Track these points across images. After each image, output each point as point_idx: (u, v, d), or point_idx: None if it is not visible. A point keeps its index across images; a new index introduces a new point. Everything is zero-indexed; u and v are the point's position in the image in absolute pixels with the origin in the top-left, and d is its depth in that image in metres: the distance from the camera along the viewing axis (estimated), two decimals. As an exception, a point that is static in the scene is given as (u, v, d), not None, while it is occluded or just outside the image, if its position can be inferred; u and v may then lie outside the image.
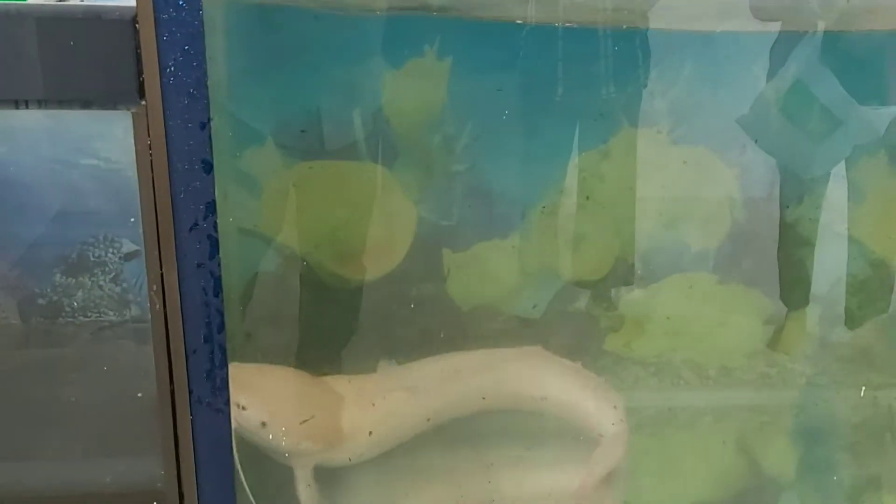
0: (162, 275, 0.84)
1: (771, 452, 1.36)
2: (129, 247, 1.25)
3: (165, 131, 0.78)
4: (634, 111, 1.23)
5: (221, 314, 0.86)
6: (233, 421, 0.90)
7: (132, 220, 0.85)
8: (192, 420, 0.90)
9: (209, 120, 0.78)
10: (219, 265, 0.84)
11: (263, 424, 1.05)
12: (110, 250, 1.25)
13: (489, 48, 1.18)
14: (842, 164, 1.26)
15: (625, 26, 1.17)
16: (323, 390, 1.16)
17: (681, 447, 1.35)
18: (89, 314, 1.24)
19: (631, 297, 1.33)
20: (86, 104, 0.78)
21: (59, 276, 1.23)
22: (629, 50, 1.19)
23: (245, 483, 0.97)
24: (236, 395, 0.92)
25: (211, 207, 0.82)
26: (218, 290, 0.85)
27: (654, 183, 1.28)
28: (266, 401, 1.07)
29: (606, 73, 1.20)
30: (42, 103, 0.79)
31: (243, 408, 1.02)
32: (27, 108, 0.79)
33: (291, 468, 1.09)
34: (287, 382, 1.15)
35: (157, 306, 0.86)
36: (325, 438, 1.11)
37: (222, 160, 0.97)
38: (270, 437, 1.06)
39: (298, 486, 1.09)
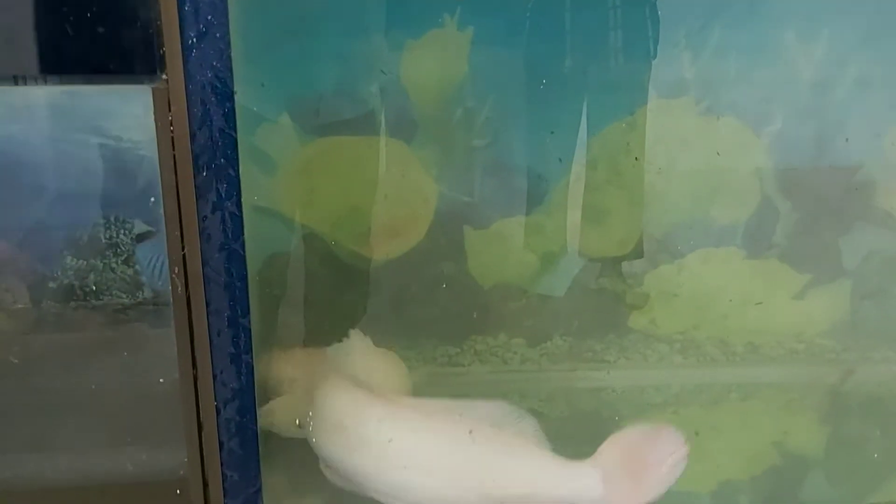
0: (184, 256, 0.81)
1: (798, 430, 1.33)
2: (141, 227, 1.21)
3: (188, 106, 0.74)
4: (660, 82, 1.20)
5: (247, 296, 0.83)
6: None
7: (152, 199, 0.81)
8: (216, 406, 0.87)
9: (233, 93, 0.75)
10: (243, 245, 0.81)
11: None
12: (122, 232, 1.21)
13: (511, 18, 1.14)
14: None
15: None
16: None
17: (706, 425, 1.32)
18: (102, 297, 1.20)
19: (656, 273, 1.30)
20: (104, 79, 0.74)
21: (69, 258, 1.20)
22: (654, 18, 1.16)
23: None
24: None
25: (234, 185, 0.78)
26: (243, 271, 0.82)
27: (680, 155, 1.24)
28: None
29: (631, 44, 1.16)
30: (58, 78, 0.75)
31: None
32: (45, 84, 0.75)
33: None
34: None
35: (179, 289, 0.82)
36: None
37: (241, 137, 0.94)
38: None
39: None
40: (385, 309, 1.24)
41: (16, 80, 0.76)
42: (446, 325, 1.26)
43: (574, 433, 1.26)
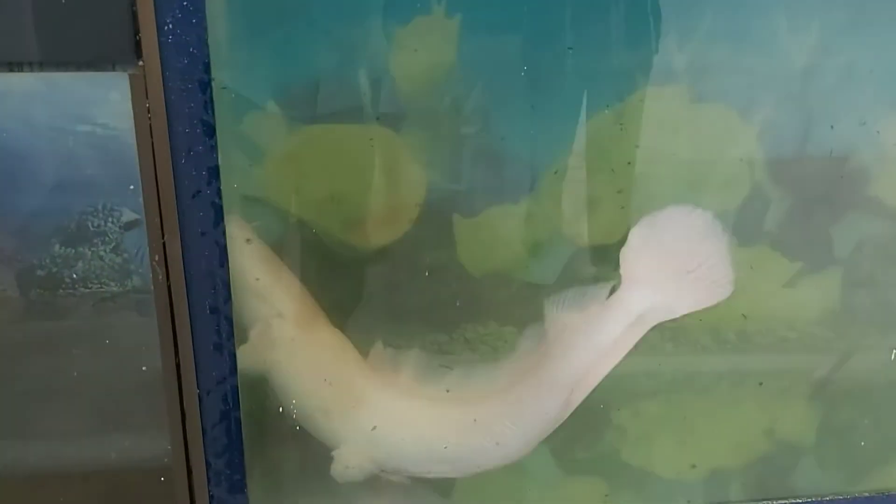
0: (164, 244, 0.81)
1: (790, 418, 1.33)
2: (129, 216, 1.21)
3: (165, 93, 0.74)
4: (650, 69, 1.19)
5: (227, 284, 0.83)
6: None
7: (131, 187, 0.81)
8: (199, 393, 0.87)
9: (210, 80, 0.74)
10: (223, 233, 0.81)
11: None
12: (110, 220, 1.21)
13: (500, 5, 1.13)
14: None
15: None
16: None
17: (698, 413, 1.32)
18: (90, 285, 1.20)
19: (647, 261, 1.29)
20: (80, 66, 0.74)
21: (57, 246, 1.20)
22: (644, 4, 1.15)
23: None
24: None
25: (214, 173, 0.78)
26: (223, 259, 0.82)
27: (670, 143, 1.24)
28: None
29: (620, 30, 1.16)
30: (34, 66, 0.74)
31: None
32: (20, 70, 0.75)
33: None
34: None
35: (160, 277, 0.82)
36: None
37: (223, 124, 0.93)
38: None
39: None
40: (374, 297, 1.24)
41: (11, 66, 0.76)
42: (436, 313, 1.26)
43: (565, 422, 1.26)
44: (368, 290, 1.23)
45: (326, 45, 1.14)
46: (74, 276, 1.20)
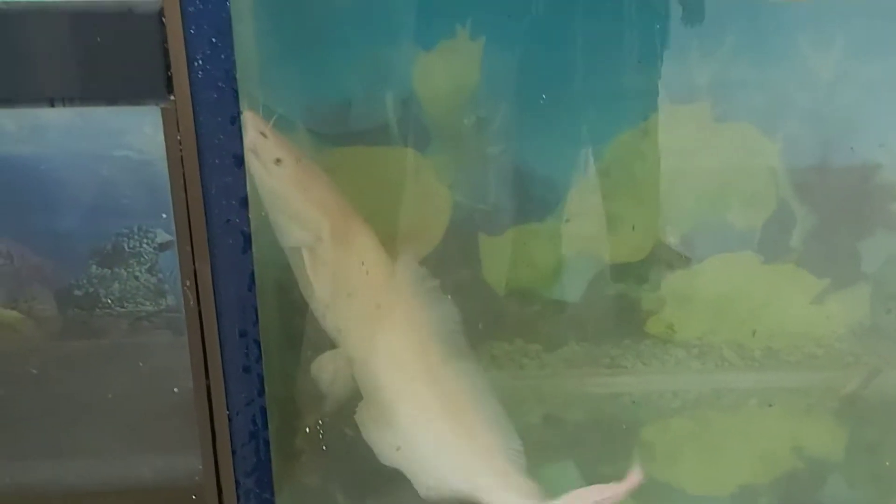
0: (195, 270, 0.83)
1: (817, 435, 1.33)
2: (163, 237, 1.24)
3: (195, 126, 0.76)
4: (674, 87, 1.19)
5: (255, 309, 0.85)
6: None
7: (164, 215, 0.84)
8: (228, 414, 0.89)
9: (239, 113, 0.77)
10: (251, 260, 0.83)
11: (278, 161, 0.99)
12: (145, 241, 1.25)
13: (522, 28, 1.15)
14: None
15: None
16: None
17: (725, 430, 1.32)
18: (126, 305, 1.24)
19: (673, 279, 1.30)
20: (114, 100, 0.77)
21: (94, 267, 1.23)
22: (667, 24, 1.16)
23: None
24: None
25: (243, 202, 0.80)
26: (251, 284, 0.84)
27: (695, 161, 1.24)
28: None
29: (643, 50, 1.17)
30: (71, 101, 0.77)
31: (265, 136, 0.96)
32: (60, 105, 0.78)
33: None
34: None
35: (191, 302, 0.85)
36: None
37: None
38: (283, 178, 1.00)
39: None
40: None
41: (52, 102, 0.79)
42: (462, 330, 1.28)
43: (592, 439, 1.27)
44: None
45: (354, 69, 1.16)
46: (111, 295, 1.23)
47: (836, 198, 1.26)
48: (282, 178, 0.99)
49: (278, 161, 0.98)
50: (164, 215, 0.83)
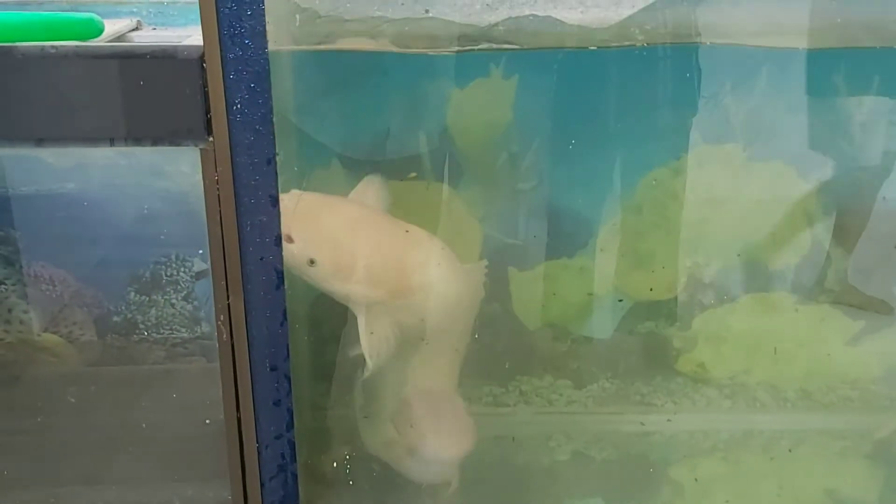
0: (229, 305, 0.85)
1: (850, 479, 1.30)
2: (199, 266, 1.27)
3: (232, 167, 0.78)
4: (707, 127, 1.20)
5: (287, 345, 0.86)
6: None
7: (200, 251, 0.86)
8: (257, 447, 0.90)
9: (275, 155, 0.79)
10: (284, 297, 0.85)
11: (311, 262, 0.99)
12: (182, 269, 1.28)
13: (555, 69, 1.16)
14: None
15: (694, 40, 1.13)
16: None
17: (756, 472, 1.31)
18: (162, 331, 1.27)
19: (704, 317, 1.29)
20: (156, 141, 0.79)
21: (133, 294, 1.26)
22: (700, 67, 1.16)
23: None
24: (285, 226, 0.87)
25: (277, 241, 0.82)
26: (283, 321, 0.86)
27: (728, 200, 1.24)
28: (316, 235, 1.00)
29: (676, 91, 1.17)
30: (116, 140, 0.80)
31: (291, 240, 0.94)
32: (105, 144, 0.80)
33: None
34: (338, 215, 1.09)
35: (224, 336, 0.87)
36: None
37: (289, 185, 0.98)
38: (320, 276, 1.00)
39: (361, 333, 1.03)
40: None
41: (96, 142, 0.81)
42: (491, 364, 1.28)
43: (620, 476, 1.26)
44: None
45: (388, 106, 1.18)
46: (148, 322, 1.26)
47: (870, 238, 1.24)
48: (318, 277, 1.01)
49: (312, 262, 0.99)
50: (201, 251, 0.85)
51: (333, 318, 1.11)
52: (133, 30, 1.02)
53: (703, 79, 1.14)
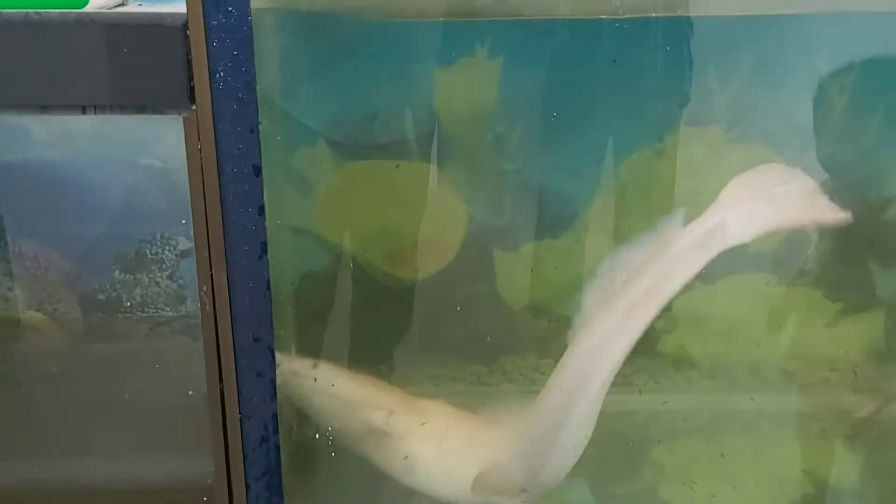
0: (212, 276, 0.85)
1: (830, 459, 1.32)
2: (184, 244, 1.27)
3: (215, 136, 0.79)
4: (689, 110, 1.21)
5: (270, 315, 0.87)
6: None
7: (184, 221, 0.86)
8: (240, 418, 0.91)
9: (258, 124, 0.79)
10: (267, 267, 0.85)
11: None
12: (167, 248, 1.27)
13: (540, 47, 1.17)
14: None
15: (678, 13, 1.14)
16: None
17: (736, 452, 1.32)
18: (147, 310, 1.26)
19: (686, 298, 1.30)
20: (139, 109, 0.80)
21: (117, 272, 1.26)
22: (683, 44, 1.17)
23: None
24: None
25: (260, 211, 0.83)
26: (266, 291, 0.86)
27: (710, 182, 1.25)
28: None
29: (661, 70, 1.18)
30: (101, 108, 0.80)
31: None
32: (84, 113, 0.81)
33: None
34: None
35: (208, 307, 0.87)
36: None
37: (274, 161, 0.98)
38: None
39: None
40: (416, 328, 1.27)
41: (83, 109, 0.82)
42: (476, 344, 1.29)
43: (602, 457, 1.27)
44: (409, 322, 1.27)
45: (374, 85, 1.19)
46: (133, 300, 1.26)
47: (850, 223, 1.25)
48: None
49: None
50: (184, 221, 0.85)
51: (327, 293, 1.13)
52: (119, 5, 1.02)
53: (690, 58, 1.15)
